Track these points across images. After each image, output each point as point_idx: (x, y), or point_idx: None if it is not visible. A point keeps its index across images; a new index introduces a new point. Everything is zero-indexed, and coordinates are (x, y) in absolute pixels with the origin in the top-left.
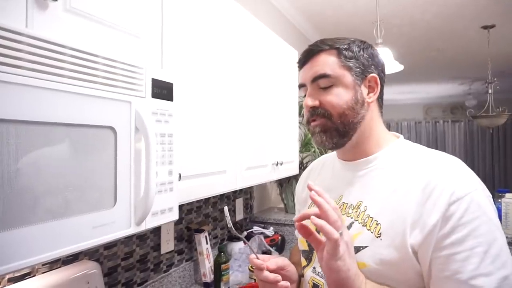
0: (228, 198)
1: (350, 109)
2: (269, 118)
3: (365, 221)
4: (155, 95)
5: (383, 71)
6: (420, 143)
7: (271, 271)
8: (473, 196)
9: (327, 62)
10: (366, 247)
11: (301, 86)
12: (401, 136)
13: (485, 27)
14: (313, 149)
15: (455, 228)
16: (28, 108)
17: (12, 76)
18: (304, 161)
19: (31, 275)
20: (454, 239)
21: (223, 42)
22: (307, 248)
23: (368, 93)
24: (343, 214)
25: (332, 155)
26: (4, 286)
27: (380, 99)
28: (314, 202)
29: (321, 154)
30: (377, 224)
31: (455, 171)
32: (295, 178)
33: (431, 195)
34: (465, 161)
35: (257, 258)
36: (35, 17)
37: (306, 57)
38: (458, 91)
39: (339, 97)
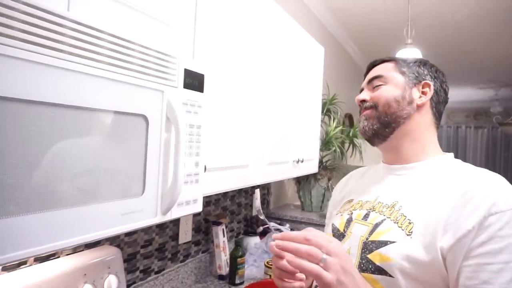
0: (246, 192)
1: (395, 102)
2: (293, 114)
3: (398, 219)
4: (186, 85)
5: (442, 86)
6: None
7: None
8: None
9: (385, 68)
10: (394, 242)
11: (361, 91)
12: (451, 154)
13: None
14: (333, 148)
15: (493, 238)
16: (64, 92)
17: (52, 59)
18: (324, 160)
19: (56, 256)
20: (489, 249)
21: (251, 36)
22: None
23: (420, 96)
24: (376, 212)
25: (377, 165)
26: (31, 264)
27: (436, 111)
28: (277, 253)
29: (342, 153)
30: (409, 223)
31: (498, 185)
32: (314, 176)
33: (470, 201)
34: (486, 168)
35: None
36: (75, 1)
37: (369, 67)
38: (483, 97)
39: (385, 92)
